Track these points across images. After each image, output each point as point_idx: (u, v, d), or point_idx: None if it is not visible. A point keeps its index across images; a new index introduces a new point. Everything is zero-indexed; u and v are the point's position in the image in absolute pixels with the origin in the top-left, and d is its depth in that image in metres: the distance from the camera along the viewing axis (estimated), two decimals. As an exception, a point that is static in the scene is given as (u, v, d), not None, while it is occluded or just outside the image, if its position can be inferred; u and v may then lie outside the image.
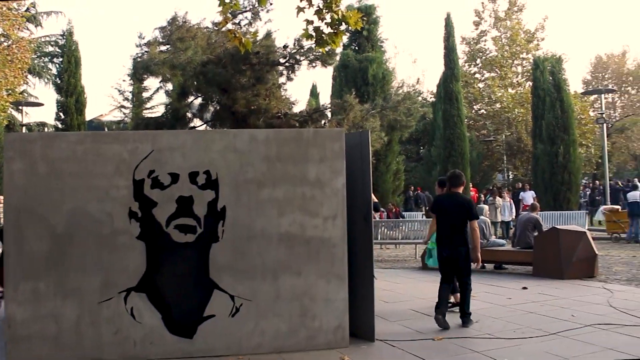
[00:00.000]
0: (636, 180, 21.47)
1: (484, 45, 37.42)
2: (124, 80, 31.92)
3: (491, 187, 26.04)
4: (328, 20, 6.56)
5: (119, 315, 5.74)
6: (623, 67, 61.81)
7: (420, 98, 34.28)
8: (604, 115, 27.25)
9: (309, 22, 6.61)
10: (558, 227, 11.90)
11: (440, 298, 7.16)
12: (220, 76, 10.04)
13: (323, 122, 11.10)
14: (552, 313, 7.54)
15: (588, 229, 14.61)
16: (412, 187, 26.79)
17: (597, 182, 30.07)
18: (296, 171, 6.07)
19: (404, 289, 9.66)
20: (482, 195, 24.88)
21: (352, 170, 6.32)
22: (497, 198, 19.26)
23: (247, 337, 5.88)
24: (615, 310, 7.55)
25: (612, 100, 56.31)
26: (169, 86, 11.31)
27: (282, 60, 10.77)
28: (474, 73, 37.53)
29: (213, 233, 5.89)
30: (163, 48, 10.41)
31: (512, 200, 20.18)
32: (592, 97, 38.72)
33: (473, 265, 7.41)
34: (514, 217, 18.56)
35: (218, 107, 11.01)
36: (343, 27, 6.77)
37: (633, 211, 17.56)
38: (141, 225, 5.81)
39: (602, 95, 29.45)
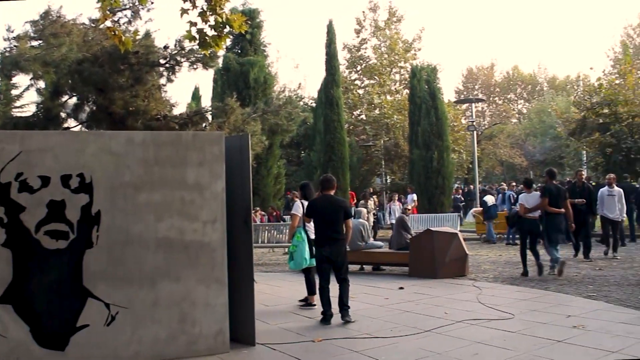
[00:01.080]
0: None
1: (365, 52, 38.46)
2: (-11, 76, 29.82)
3: (371, 190, 26.79)
4: (212, 22, 6.52)
5: (-18, 329, 5.37)
6: (491, 78, 66.00)
7: (301, 103, 34.65)
8: (474, 123, 28.81)
9: (192, 24, 6.53)
10: (432, 228, 12.44)
11: (324, 301, 7.43)
12: (97, 75, 9.69)
13: (204, 125, 11.00)
14: (427, 311, 7.87)
15: (460, 231, 15.39)
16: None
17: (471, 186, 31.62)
18: (175, 175, 5.95)
19: (285, 292, 9.72)
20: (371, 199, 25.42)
21: (232, 174, 6.29)
22: (369, 202, 19.61)
23: (124, 346, 5.69)
24: (484, 306, 8.02)
25: (482, 109, 59.82)
26: (41, 84, 10.74)
27: (162, 61, 10.57)
28: (355, 79, 38.46)
29: (87, 239, 5.64)
30: (35, 43, 9.89)
31: (401, 204, 20.62)
32: (464, 106, 40.90)
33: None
34: None
35: (94, 108, 10.63)
36: (227, 30, 6.75)
37: (490, 214, 18.73)
38: (7, 231, 5.46)
39: (473, 104, 31.18)
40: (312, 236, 8.18)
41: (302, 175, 29.26)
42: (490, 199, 19.12)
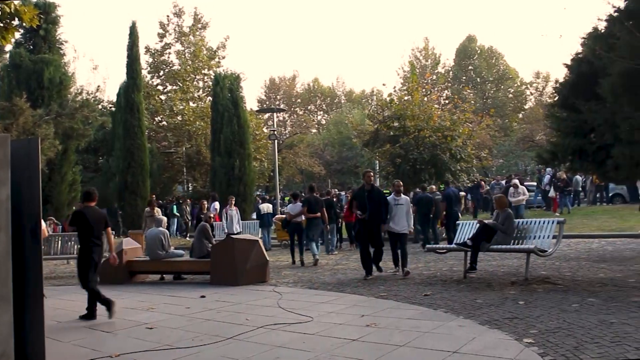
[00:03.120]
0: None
1: (168, 57, 37.79)
2: None
3: (168, 200, 26.25)
4: (-2, 13, 6.00)
5: None
6: (293, 89, 68.40)
7: (100, 106, 33.25)
8: (275, 132, 29.52)
9: (-26, 14, 5.96)
10: (232, 236, 12.51)
11: (104, 303, 8.20)
12: None
13: (-13, 126, 10.08)
14: (229, 318, 7.90)
15: (260, 237, 15.70)
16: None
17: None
18: (-49, 181, 5.36)
19: (80, 306, 9.15)
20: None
21: (18, 181, 5.81)
22: (156, 209, 18.33)
23: None
24: (284, 311, 8.23)
25: (283, 118, 61.74)
26: None
27: (-64, 54, 9.52)
28: (157, 85, 37.67)
29: None
30: None
31: (237, 209, 19.90)
32: (266, 115, 41.87)
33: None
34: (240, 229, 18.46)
35: None
36: (16, 22, 6.26)
37: (264, 222, 19.30)
38: None
39: (275, 114, 31.97)
40: None
41: (100, 182, 27.99)
42: (265, 207, 19.67)
